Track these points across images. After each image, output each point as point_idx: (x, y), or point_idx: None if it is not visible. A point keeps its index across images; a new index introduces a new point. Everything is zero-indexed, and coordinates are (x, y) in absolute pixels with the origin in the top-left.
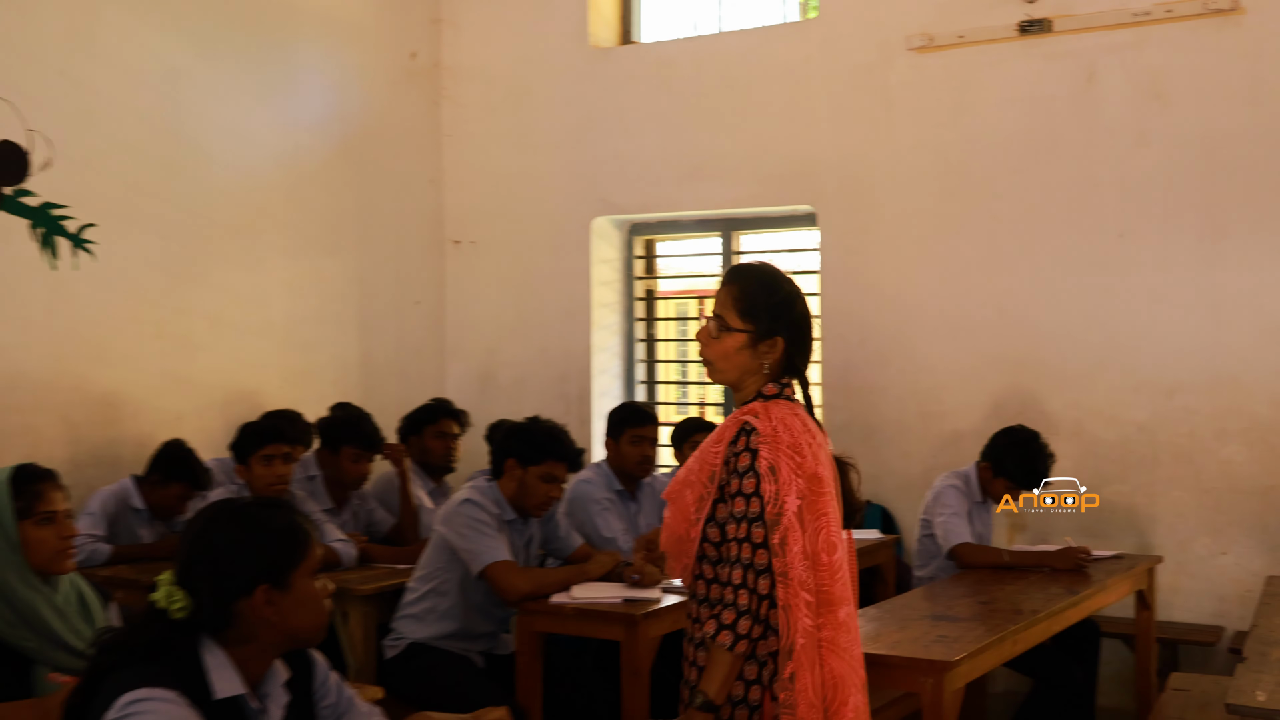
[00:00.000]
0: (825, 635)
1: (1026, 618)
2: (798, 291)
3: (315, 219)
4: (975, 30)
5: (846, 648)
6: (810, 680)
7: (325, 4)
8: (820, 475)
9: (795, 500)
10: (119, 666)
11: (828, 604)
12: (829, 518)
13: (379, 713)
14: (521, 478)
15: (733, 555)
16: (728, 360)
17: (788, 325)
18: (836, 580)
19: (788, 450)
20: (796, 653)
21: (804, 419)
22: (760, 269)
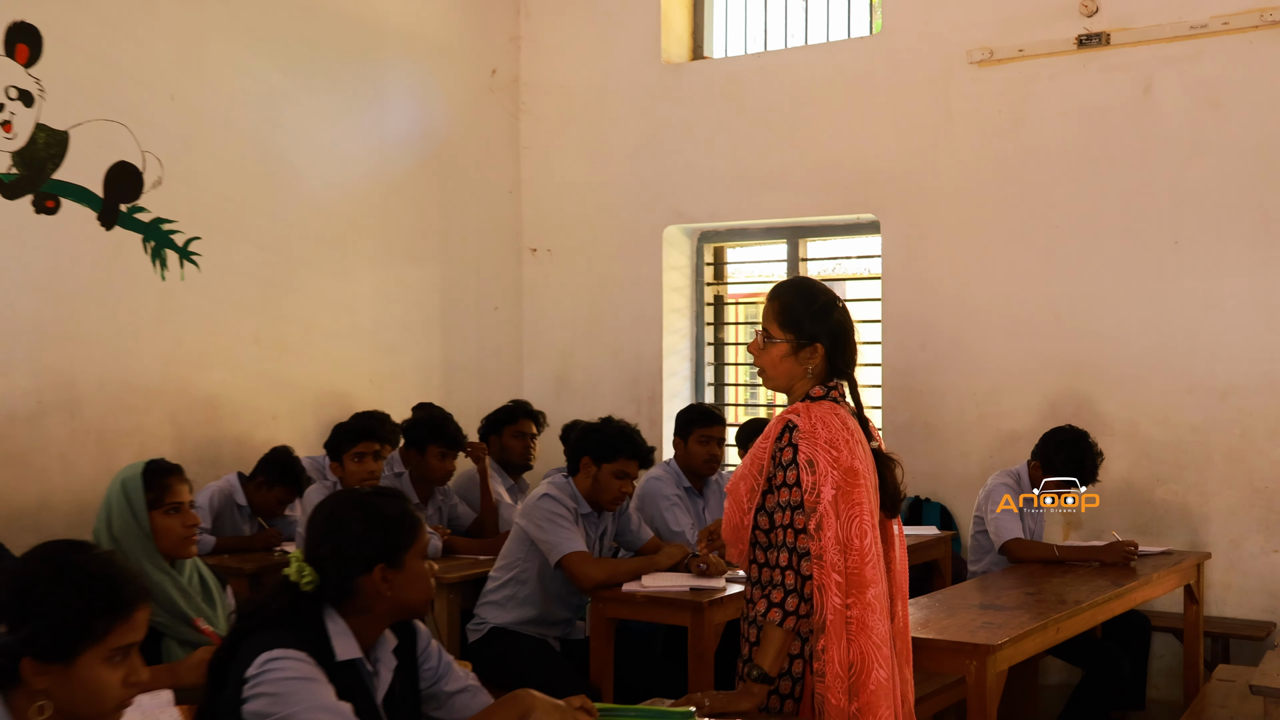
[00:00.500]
0: (854, 614)
1: (1070, 607)
2: (834, 300)
3: (401, 229)
4: (1034, 44)
5: (872, 626)
6: (837, 653)
7: (410, 25)
8: (855, 469)
9: (831, 490)
10: (256, 630)
11: (857, 585)
12: (862, 507)
13: (474, 678)
14: (596, 474)
15: (779, 540)
16: (775, 368)
17: (826, 333)
18: (867, 564)
19: (825, 446)
20: (827, 628)
21: (844, 418)
22: (798, 283)
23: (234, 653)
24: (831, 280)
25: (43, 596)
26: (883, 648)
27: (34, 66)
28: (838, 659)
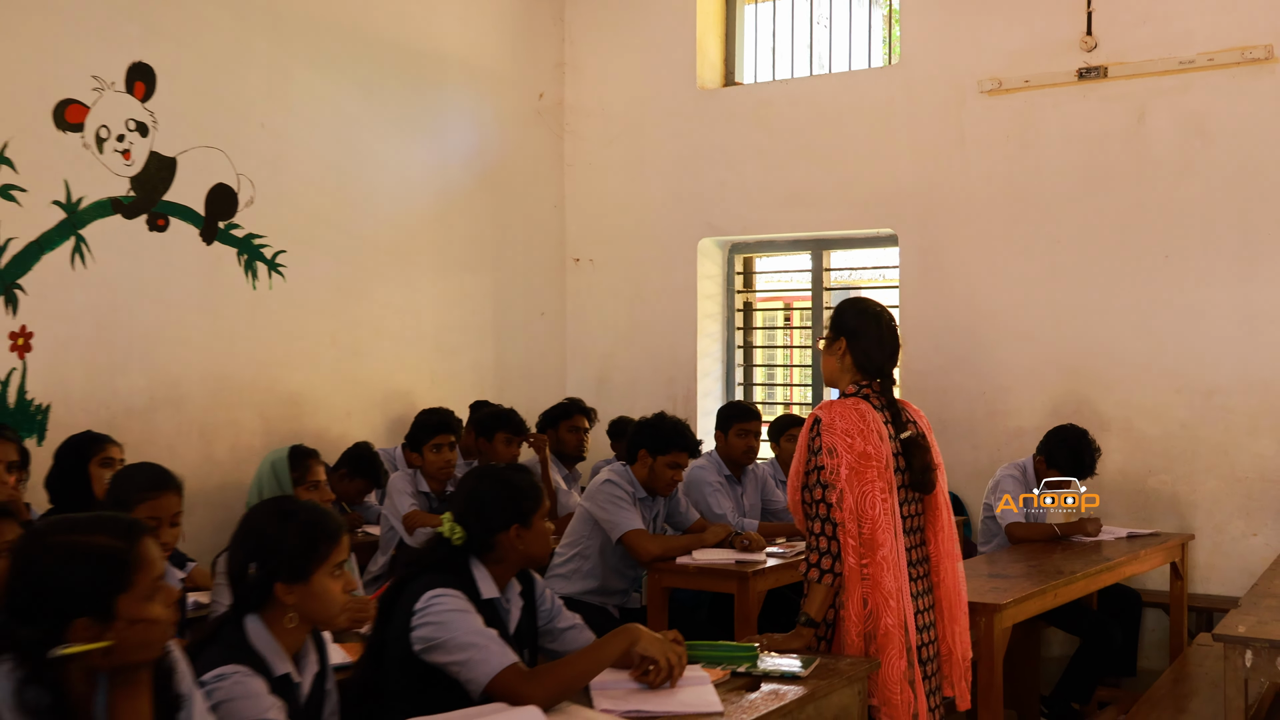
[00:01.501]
0: (868, 571)
1: (1066, 576)
2: (866, 307)
3: (458, 242)
4: (1039, 75)
5: (881, 581)
6: (853, 602)
7: (466, 55)
8: (867, 453)
9: (846, 470)
10: (418, 575)
11: (870, 547)
12: (873, 485)
13: (578, 619)
14: (652, 464)
15: (817, 513)
16: (825, 366)
17: (847, 331)
18: (878, 530)
19: (841, 434)
20: (846, 582)
21: (862, 412)
22: (848, 299)
23: (400, 593)
24: (850, 289)
25: (281, 535)
26: (890, 600)
27: (149, 101)
28: (854, 607)
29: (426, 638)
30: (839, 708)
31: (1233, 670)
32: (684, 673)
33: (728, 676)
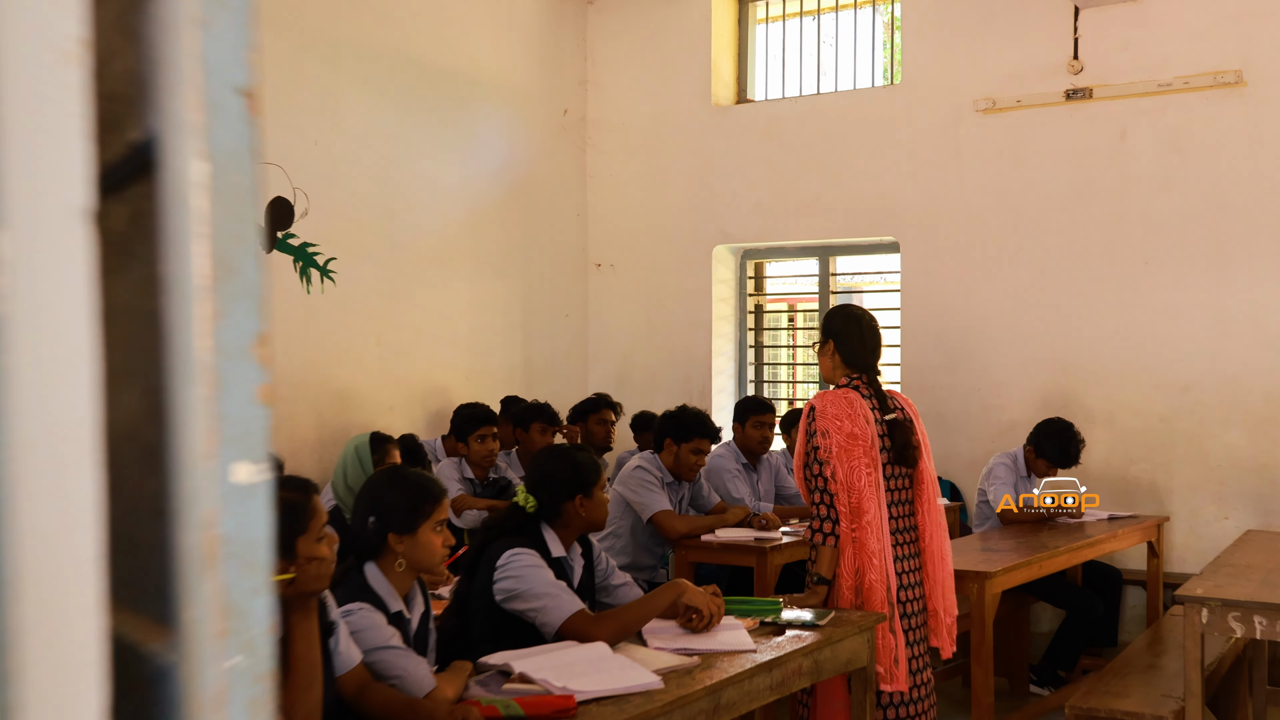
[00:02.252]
0: (857, 535)
1: (1049, 550)
2: (850, 312)
3: (489, 249)
4: (1030, 96)
5: (866, 543)
6: (846, 560)
7: (497, 75)
8: (854, 433)
9: (836, 448)
10: (498, 538)
11: (858, 514)
12: (859, 461)
13: (629, 578)
14: (676, 451)
15: (814, 485)
16: (823, 367)
17: (834, 334)
18: (864, 499)
19: (832, 418)
20: (840, 543)
21: (851, 400)
22: (835, 307)
23: (482, 553)
24: (855, 293)
25: (394, 495)
26: (873, 559)
27: None
28: (845, 566)
29: (508, 589)
30: (850, 652)
31: (1191, 626)
32: (722, 620)
33: (757, 625)
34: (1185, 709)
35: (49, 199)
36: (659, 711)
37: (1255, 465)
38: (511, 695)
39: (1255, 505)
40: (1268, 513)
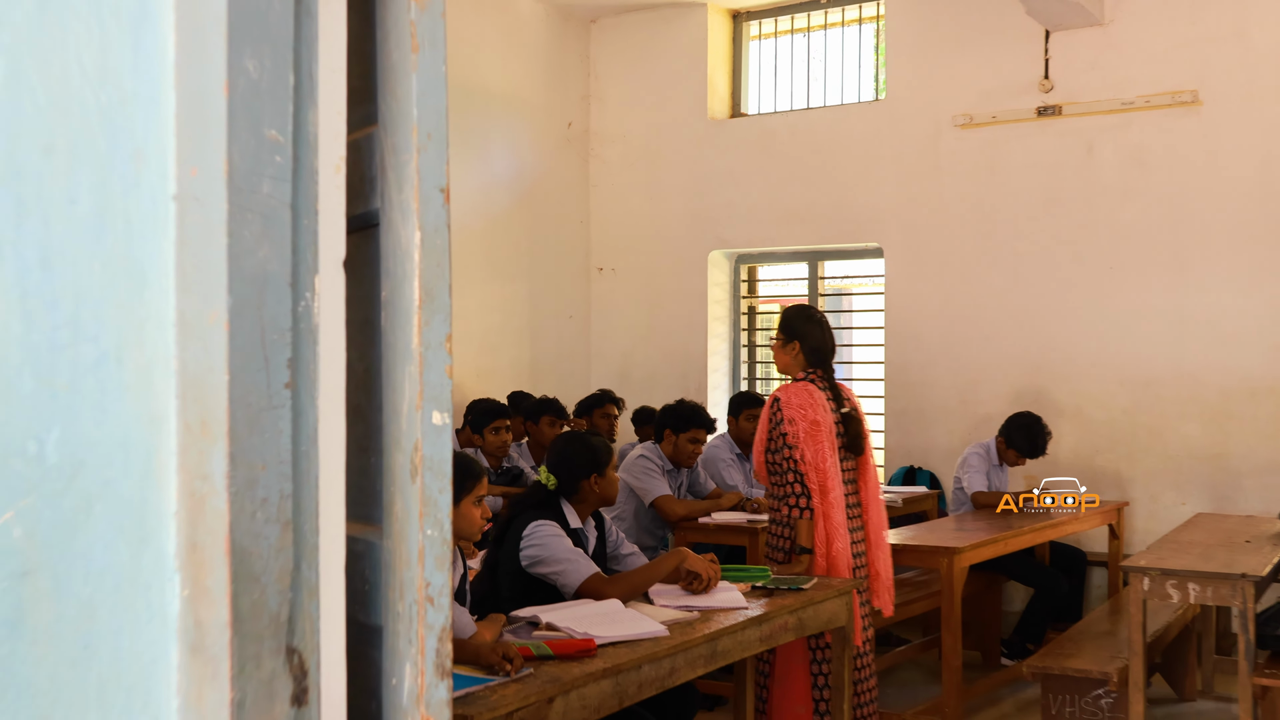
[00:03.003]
0: (825, 509)
1: (1014, 529)
2: (813, 317)
3: (499, 253)
4: (1004, 112)
5: (832, 516)
6: (818, 531)
7: (506, 89)
8: (816, 421)
9: (803, 434)
10: (524, 511)
11: (824, 491)
12: (822, 445)
13: (636, 548)
14: (675, 441)
15: (785, 468)
16: (779, 361)
17: (799, 335)
18: (829, 478)
19: (798, 408)
20: (814, 515)
21: (811, 392)
22: (793, 308)
23: (509, 525)
24: (842, 295)
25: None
26: (839, 529)
27: None
28: (819, 535)
29: (533, 556)
30: (830, 612)
31: (1134, 593)
32: (718, 584)
33: (749, 589)
34: (1129, 666)
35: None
36: (664, 653)
37: (1210, 455)
38: (541, 639)
39: (1210, 491)
40: (1220, 498)
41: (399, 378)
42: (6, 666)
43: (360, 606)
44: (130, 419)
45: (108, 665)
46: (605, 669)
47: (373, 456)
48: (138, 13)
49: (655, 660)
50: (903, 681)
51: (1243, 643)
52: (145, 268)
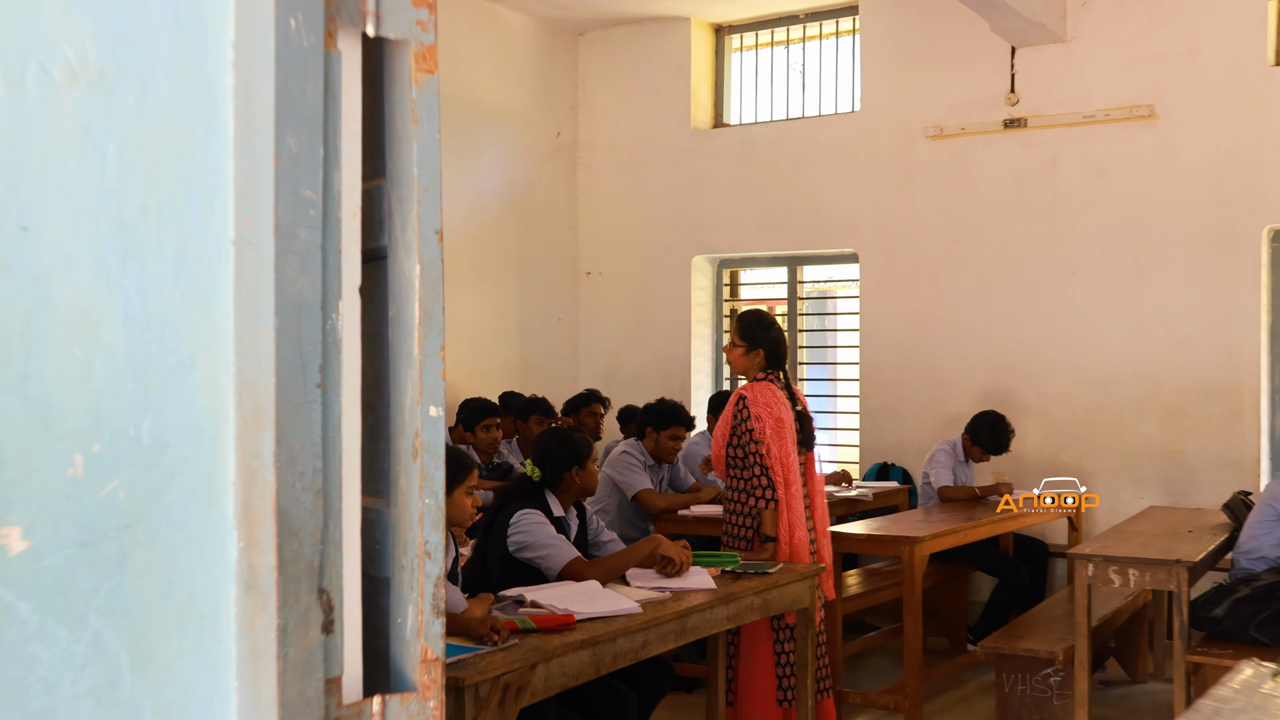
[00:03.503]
0: (787, 500)
1: (974, 521)
2: (769, 321)
3: (491, 258)
4: (973, 124)
5: (793, 506)
6: (781, 521)
7: (497, 101)
8: (780, 418)
9: (769, 430)
10: (511, 501)
11: (785, 483)
12: (786, 440)
13: (615, 535)
14: (656, 438)
15: (750, 462)
16: (738, 363)
17: (760, 340)
18: (790, 471)
19: (763, 406)
20: (778, 506)
21: (773, 391)
22: (751, 315)
23: (498, 514)
24: (821, 299)
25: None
26: (800, 518)
27: None
28: (782, 523)
29: (519, 542)
30: (794, 595)
31: (1080, 577)
32: (690, 569)
33: (719, 573)
34: (1075, 646)
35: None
36: (638, 628)
37: (1166, 452)
38: (526, 615)
39: (1166, 486)
40: (1176, 492)
41: (403, 380)
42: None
43: (371, 562)
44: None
45: (184, 598)
46: (583, 640)
47: (382, 442)
48: (208, 104)
49: (629, 634)
50: (871, 666)
51: (1177, 624)
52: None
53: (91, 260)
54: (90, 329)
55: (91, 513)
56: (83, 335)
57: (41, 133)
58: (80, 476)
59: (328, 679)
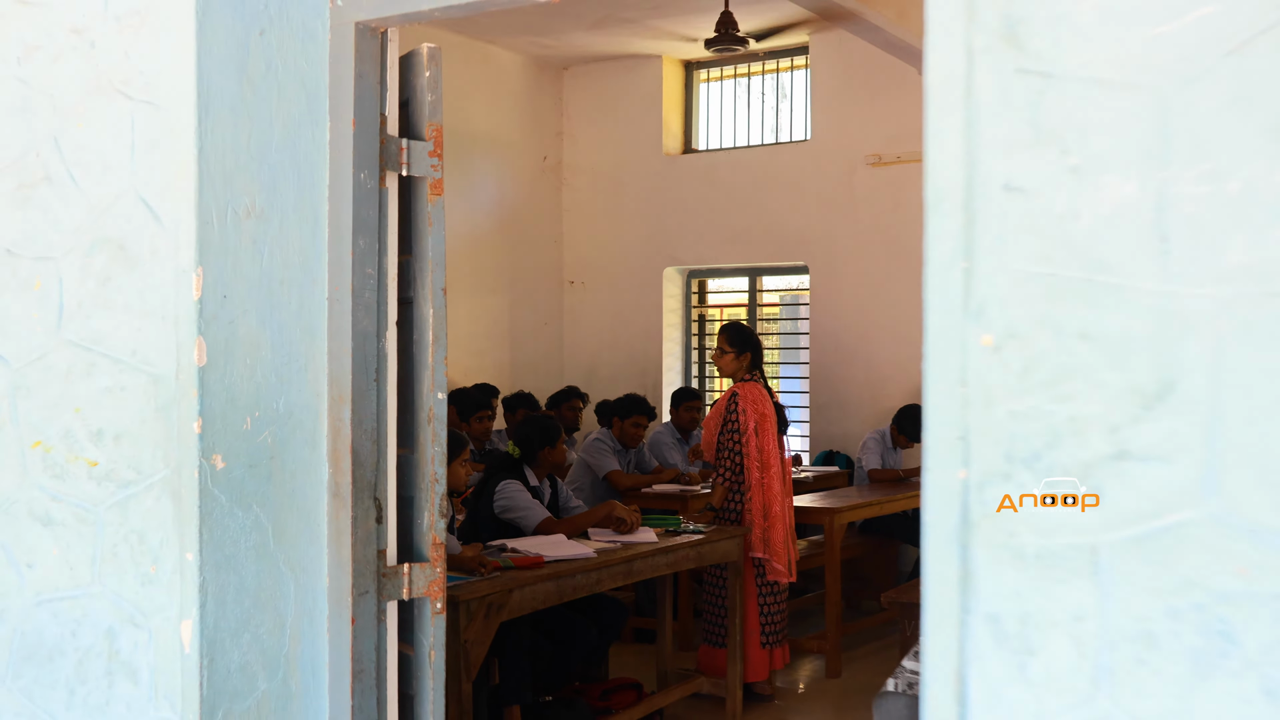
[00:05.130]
0: (766, 483)
1: (893, 496)
2: (750, 332)
3: (483, 270)
4: (909, 153)
5: (771, 487)
6: (757, 500)
7: (489, 129)
8: (764, 413)
9: (753, 424)
10: (496, 474)
11: (765, 467)
12: (769, 433)
13: (581, 502)
14: (622, 426)
15: (730, 450)
16: (729, 368)
17: (750, 348)
18: (769, 457)
19: (750, 402)
20: (752, 488)
21: (759, 390)
22: (735, 327)
23: (486, 483)
24: (777, 305)
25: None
26: (775, 498)
27: None
28: (756, 503)
29: (502, 505)
30: (724, 551)
31: None
32: (640, 528)
33: (664, 532)
34: None
35: (392, 319)
36: (592, 567)
37: None
38: (506, 557)
39: None
40: None
41: (422, 376)
42: (265, 495)
43: (403, 485)
44: (310, 394)
45: (299, 500)
46: (549, 574)
47: (409, 414)
48: (315, 223)
49: (585, 572)
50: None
51: None
52: (316, 330)
53: (256, 313)
54: (255, 349)
55: (254, 449)
56: (251, 353)
57: (234, 245)
58: (249, 429)
59: (379, 550)
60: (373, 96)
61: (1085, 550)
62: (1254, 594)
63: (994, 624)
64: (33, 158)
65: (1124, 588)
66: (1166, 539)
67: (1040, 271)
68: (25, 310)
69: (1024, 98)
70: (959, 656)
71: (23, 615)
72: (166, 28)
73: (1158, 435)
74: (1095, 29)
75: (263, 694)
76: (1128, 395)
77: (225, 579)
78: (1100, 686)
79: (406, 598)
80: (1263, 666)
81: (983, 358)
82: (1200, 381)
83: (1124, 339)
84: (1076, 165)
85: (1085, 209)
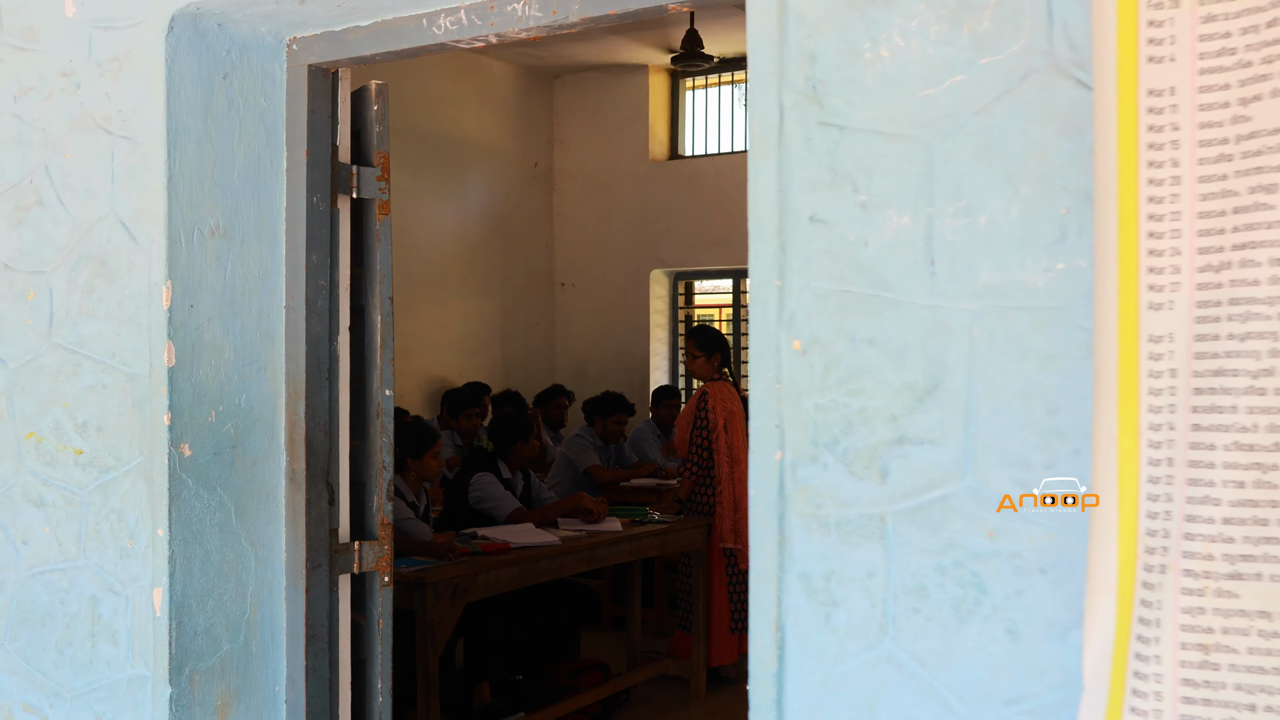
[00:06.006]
0: (736, 475)
1: None
2: (718, 334)
3: (477, 272)
4: None
5: (742, 480)
6: (727, 494)
7: (483, 138)
8: (733, 410)
9: (722, 420)
10: (470, 467)
11: (736, 461)
12: (738, 429)
13: (552, 494)
14: (604, 424)
15: (701, 446)
16: (700, 370)
17: (719, 349)
18: (740, 453)
19: (720, 401)
20: (721, 482)
21: (728, 389)
22: (703, 330)
23: (463, 475)
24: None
25: (410, 435)
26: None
27: None
28: (727, 496)
29: (476, 496)
30: (688, 539)
31: None
32: (606, 517)
33: (630, 522)
34: None
35: (344, 324)
36: (555, 554)
37: None
38: (476, 544)
39: None
40: None
41: (372, 375)
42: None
43: (355, 472)
44: (269, 391)
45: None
46: (514, 559)
47: (360, 407)
48: (273, 241)
49: (549, 558)
50: None
51: None
52: (275, 334)
53: (220, 320)
54: (219, 352)
55: (218, 439)
56: (215, 355)
57: (200, 260)
58: (214, 422)
59: (331, 529)
60: (324, 129)
61: (875, 519)
62: (999, 552)
63: (805, 581)
64: (27, 184)
65: (904, 549)
66: (935, 509)
67: (837, 289)
68: (20, 318)
69: (824, 146)
70: (778, 608)
71: (19, 586)
72: (141, 72)
73: (929, 424)
74: (878, 90)
75: (226, 653)
76: (905, 391)
77: (191, 552)
78: (886, 631)
79: (357, 571)
80: (1006, 611)
81: (793, 359)
82: (960, 379)
83: (901, 344)
84: (865, 201)
85: (871, 237)
